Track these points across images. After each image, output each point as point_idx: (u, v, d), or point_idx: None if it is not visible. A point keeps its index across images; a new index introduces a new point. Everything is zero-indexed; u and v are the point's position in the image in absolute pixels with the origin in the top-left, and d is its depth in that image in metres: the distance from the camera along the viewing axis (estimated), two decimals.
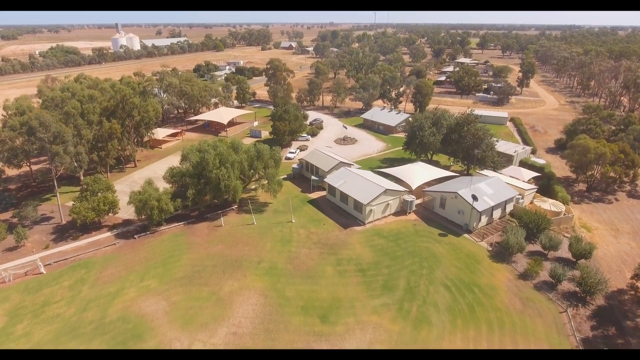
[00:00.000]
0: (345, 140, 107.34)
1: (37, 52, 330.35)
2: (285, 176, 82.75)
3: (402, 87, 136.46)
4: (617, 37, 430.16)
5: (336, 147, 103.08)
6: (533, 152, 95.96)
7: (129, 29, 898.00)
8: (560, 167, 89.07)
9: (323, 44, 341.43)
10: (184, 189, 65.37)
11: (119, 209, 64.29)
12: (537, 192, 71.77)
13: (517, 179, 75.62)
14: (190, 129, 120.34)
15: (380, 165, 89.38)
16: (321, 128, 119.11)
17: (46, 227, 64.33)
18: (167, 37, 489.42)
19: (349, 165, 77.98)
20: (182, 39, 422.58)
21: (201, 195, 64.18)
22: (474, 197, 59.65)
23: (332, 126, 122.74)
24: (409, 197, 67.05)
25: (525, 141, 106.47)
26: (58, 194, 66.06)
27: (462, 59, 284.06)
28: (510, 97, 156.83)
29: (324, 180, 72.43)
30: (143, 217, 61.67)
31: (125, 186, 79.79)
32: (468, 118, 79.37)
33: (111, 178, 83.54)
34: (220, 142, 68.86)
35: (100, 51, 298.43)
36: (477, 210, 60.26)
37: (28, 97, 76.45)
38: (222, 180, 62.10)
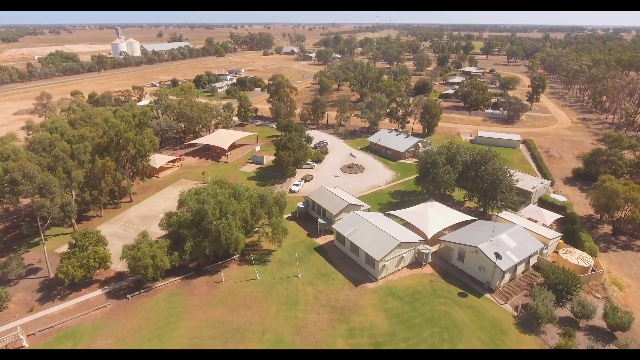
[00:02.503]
0: (352, 168, 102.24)
1: (36, 58, 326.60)
2: (290, 215, 77.80)
3: (409, 106, 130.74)
4: (623, 43, 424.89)
5: (342, 176, 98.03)
6: (551, 184, 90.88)
7: (130, 29, 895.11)
8: (580, 203, 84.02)
9: (326, 50, 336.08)
10: (182, 238, 60.36)
11: (111, 263, 59.33)
12: (560, 238, 66.73)
13: (536, 221, 70.79)
14: (189, 152, 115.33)
15: (390, 200, 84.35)
16: (326, 152, 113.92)
17: (32, 282, 59.39)
18: (168, 41, 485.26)
19: (359, 206, 73.04)
20: (182, 44, 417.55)
21: (199, 247, 59.25)
22: (497, 255, 54.57)
23: (338, 149, 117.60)
24: (425, 249, 61.97)
25: (541, 169, 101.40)
26: (45, 245, 61.11)
27: (467, 68, 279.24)
28: (521, 114, 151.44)
29: (332, 226, 67.44)
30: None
31: (119, 227, 74.94)
32: (486, 156, 74.29)
33: (105, 215, 78.83)
34: (221, 188, 63.81)
35: (100, 58, 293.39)
36: (501, 269, 55.27)
37: (14, 136, 71.41)
38: (222, 233, 57.14)
